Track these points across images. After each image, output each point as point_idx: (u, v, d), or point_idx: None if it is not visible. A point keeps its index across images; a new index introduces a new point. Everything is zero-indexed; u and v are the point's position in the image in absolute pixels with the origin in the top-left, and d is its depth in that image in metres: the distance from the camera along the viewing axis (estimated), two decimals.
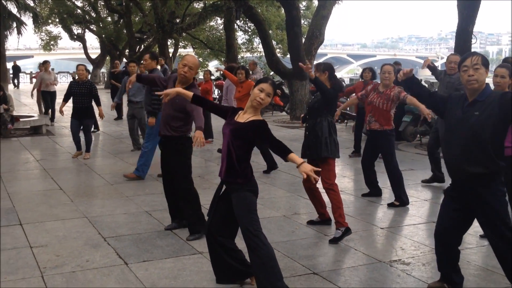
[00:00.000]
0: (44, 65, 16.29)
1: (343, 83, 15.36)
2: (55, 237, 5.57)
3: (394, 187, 7.06)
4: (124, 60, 34.05)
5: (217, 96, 20.49)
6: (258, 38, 27.49)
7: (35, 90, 16.67)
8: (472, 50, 12.28)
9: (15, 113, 13.86)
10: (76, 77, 10.34)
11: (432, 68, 8.33)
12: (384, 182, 7.72)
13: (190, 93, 4.47)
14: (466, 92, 4.03)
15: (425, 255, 5.10)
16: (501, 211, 3.93)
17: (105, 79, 34.46)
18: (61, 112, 10.27)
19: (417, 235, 5.75)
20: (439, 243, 4.23)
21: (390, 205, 6.94)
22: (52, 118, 15.93)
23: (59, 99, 13.07)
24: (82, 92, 10.07)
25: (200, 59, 41.59)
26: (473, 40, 12.07)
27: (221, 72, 12.64)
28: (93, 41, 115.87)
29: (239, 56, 30.90)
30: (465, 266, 4.74)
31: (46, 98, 16.04)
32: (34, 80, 17.15)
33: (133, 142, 11.29)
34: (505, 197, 3.99)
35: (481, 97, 3.92)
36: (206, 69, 22.10)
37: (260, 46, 23.18)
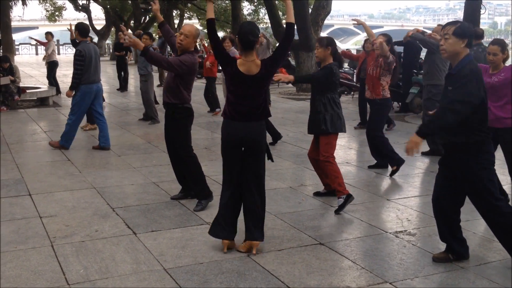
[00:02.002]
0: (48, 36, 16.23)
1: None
2: (64, 207, 5.64)
3: (377, 155, 7.27)
4: (129, 31, 33.82)
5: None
6: (264, 8, 27.23)
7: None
8: (481, 20, 12.16)
9: (21, 85, 13.87)
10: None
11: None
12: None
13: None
14: None
15: (431, 226, 5.12)
16: (486, 181, 3.98)
17: (110, 50, 34.35)
18: None
19: (423, 207, 5.78)
20: (435, 211, 4.32)
21: (392, 174, 7.01)
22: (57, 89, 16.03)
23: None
24: None
25: (205, 30, 41.25)
26: (482, 11, 11.91)
27: None
28: (98, 12, 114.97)
29: None
30: (471, 237, 4.77)
31: (52, 68, 16.15)
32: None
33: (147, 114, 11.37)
34: (492, 166, 4.05)
35: (454, 70, 3.98)
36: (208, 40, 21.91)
37: (266, 16, 22.96)
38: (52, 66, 16.14)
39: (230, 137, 4.42)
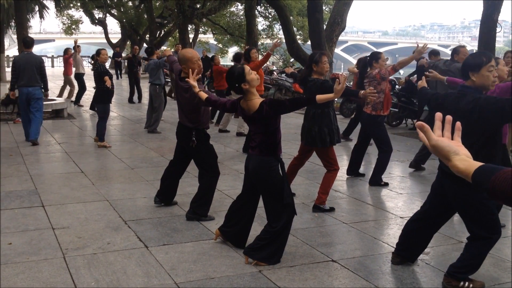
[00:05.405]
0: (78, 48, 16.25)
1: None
2: (77, 219, 5.65)
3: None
4: (145, 45, 34.10)
5: None
6: (278, 24, 27.35)
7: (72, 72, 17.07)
8: (496, 39, 12.12)
9: None
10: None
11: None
12: (403, 171, 7.67)
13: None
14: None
15: (444, 245, 5.08)
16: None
17: (125, 64, 34.59)
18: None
19: None
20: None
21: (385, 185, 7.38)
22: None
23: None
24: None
25: (220, 45, 41.56)
26: (498, 29, 11.89)
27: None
28: (114, 25, 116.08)
29: (259, 42, 30.80)
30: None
31: (82, 79, 16.53)
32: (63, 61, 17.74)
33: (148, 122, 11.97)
34: None
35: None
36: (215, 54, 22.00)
37: (281, 32, 23.07)
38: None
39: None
